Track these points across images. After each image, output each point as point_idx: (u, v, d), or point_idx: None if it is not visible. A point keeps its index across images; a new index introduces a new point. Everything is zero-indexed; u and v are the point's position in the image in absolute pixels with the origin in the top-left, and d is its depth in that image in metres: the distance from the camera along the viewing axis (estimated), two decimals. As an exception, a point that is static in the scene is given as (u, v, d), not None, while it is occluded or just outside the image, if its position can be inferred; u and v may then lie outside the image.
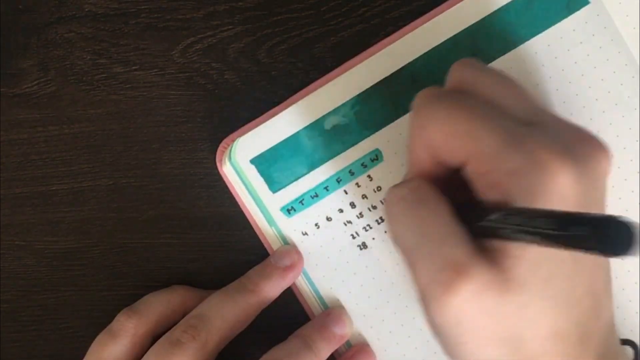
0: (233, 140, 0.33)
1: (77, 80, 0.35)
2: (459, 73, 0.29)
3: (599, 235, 0.20)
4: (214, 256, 0.36)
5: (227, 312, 0.32)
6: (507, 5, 0.32)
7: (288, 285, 0.34)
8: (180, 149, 0.35)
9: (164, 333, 0.32)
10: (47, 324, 0.36)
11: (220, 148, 0.34)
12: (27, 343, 0.36)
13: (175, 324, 0.33)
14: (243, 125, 0.34)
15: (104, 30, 0.35)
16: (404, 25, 0.33)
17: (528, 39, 0.32)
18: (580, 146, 0.26)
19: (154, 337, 0.33)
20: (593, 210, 0.26)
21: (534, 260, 0.25)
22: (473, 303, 0.25)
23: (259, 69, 0.34)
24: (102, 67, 0.35)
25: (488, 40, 0.32)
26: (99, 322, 0.34)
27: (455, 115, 0.27)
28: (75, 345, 0.36)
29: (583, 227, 0.21)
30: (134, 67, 0.35)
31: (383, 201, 0.30)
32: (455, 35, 0.32)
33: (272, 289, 0.33)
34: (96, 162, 0.35)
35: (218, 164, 0.34)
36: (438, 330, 0.26)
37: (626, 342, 0.30)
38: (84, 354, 0.33)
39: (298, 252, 0.34)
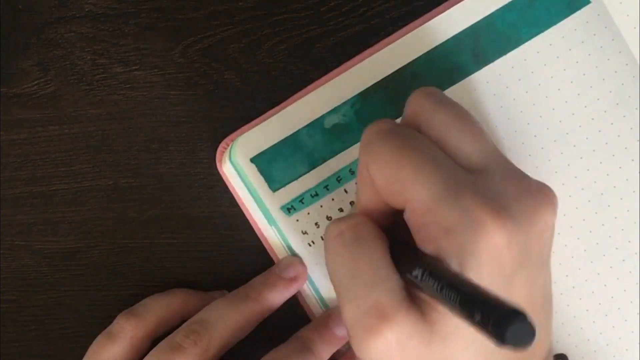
0: (233, 140, 0.33)
1: (77, 80, 0.35)
2: (416, 105, 0.28)
3: (489, 321, 0.20)
4: (213, 256, 0.36)
5: (229, 319, 0.32)
6: (508, 4, 0.32)
7: (291, 295, 0.34)
8: (180, 149, 0.35)
9: (163, 336, 0.32)
10: (47, 324, 0.36)
11: (220, 148, 0.34)
12: (27, 343, 0.36)
13: (174, 327, 0.33)
14: (243, 125, 0.34)
15: (104, 30, 0.35)
16: (404, 25, 0.33)
17: (529, 39, 0.32)
18: (523, 199, 0.25)
19: (153, 341, 0.33)
20: (529, 267, 0.25)
21: None
22: (395, 350, 0.25)
23: (259, 69, 0.34)
24: (102, 67, 0.35)
25: (489, 40, 0.32)
26: (98, 322, 0.34)
27: (398, 159, 0.26)
28: (75, 345, 0.36)
29: (478, 309, 0.20)
30: (134, 67, 0.35)
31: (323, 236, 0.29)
32: (456, 35, 0.32)
33: (275, 299, 0.33)
34: (96, 162, 0.35)
35: (218, 164, 0.34)
36: None
37: (559, 356, 0.30)
38: (83, 354, 0.33)
39: (302, 264, 0.34)
